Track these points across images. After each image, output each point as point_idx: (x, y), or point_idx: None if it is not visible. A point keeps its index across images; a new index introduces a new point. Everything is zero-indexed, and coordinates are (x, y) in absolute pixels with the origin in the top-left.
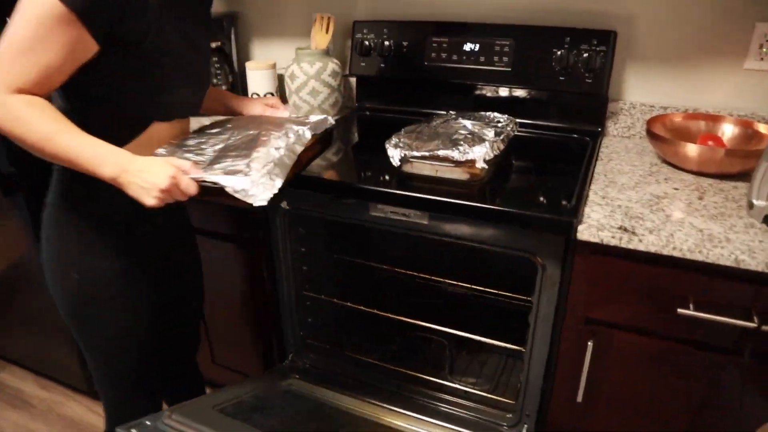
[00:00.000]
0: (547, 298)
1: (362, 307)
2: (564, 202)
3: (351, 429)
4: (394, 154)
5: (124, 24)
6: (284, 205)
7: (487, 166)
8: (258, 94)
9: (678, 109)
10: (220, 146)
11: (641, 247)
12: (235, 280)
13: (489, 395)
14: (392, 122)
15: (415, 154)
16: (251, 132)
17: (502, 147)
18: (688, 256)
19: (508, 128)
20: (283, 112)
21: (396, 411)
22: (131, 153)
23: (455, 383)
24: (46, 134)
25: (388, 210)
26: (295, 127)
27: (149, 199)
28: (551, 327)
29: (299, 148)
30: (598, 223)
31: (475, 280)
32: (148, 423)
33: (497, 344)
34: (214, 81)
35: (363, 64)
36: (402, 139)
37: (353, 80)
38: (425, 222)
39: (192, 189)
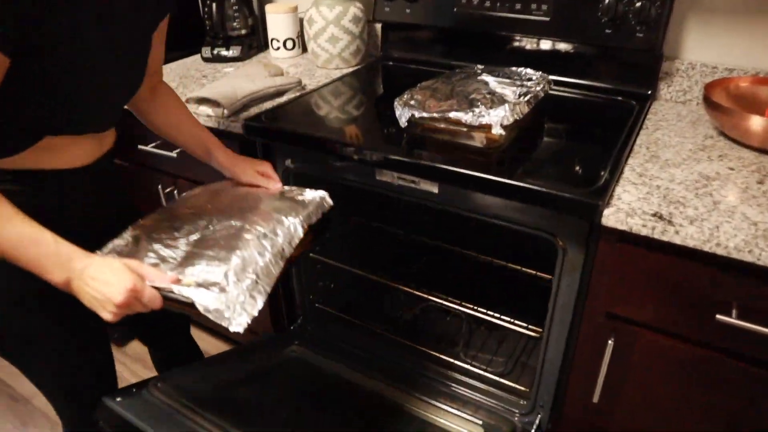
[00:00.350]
0: (567, 284)
1: (372, 276)
2: (591, 179)
3: (346, 404)
4: (402, 114)
5: (34, 33)
6: (289, 163)
7: (504, 132)
8: (278, 40)
9: (746, 71)
10: (196, 237)
11: (677, 240)
12: None
13: (503, 380)
14: (418, 74)
15: (424, 115)
16: (234, 223)
17: (526, 110)
18: (735, 255)
19: (538, 88)
20: (275, 184)
21: (402, 391)
22: (85, 253)
23: (468, 364)
24: None
25: (395, 175)
26: (286, 221)
27: (104, 314)
28: (571, 315)
29: (288, 251)
30: (628, 206)
31: (500, 252)
32: (134, 390)
33: (513, 327)
34: (234, 24)
35: (387, 9)
36: (415, 96)
37: (378, 27)
38: (435, 191)
39: (156, 303)
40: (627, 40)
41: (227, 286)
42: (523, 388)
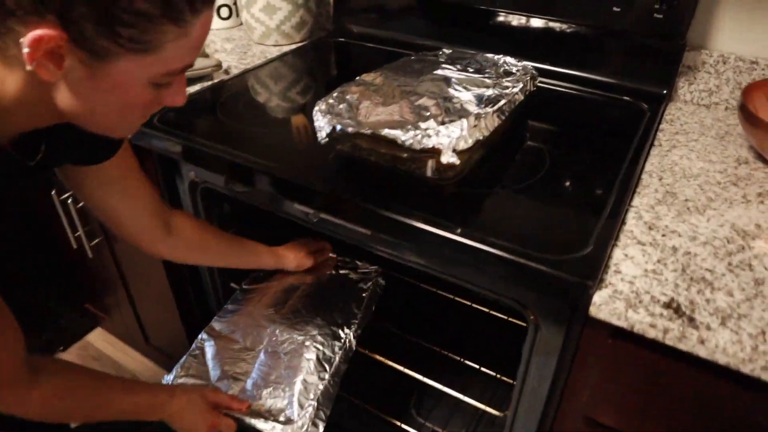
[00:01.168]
0: (538, 366)
1: None
2: (576, 238)
3: None
4: (323, 125)
5: None
6: (192, 176)
7: (458, 161)
8: None
9: None
10: (260, 347)
11: (702, 353)
12: (153, 262)
13: None
14: (378, 55)
15: (350, 130)
16: (296, 336)
17: (494, 124)
18: None
19: (516, 89)
20: (329, 253)
21: None
22: (170, 393)
23: (417, 429)
24: (90, 412)
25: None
26: (343, 335)
27: None
28: (543, 405)
29: (344, 368)
30: (630, 289)
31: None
32: None
33: (467, 401)
34: None
35: None
36: (346, 97)
37: None
38: (367, 232)
39: (231, 430)
40: (641, 22)
41: (293, 416)
42: None
